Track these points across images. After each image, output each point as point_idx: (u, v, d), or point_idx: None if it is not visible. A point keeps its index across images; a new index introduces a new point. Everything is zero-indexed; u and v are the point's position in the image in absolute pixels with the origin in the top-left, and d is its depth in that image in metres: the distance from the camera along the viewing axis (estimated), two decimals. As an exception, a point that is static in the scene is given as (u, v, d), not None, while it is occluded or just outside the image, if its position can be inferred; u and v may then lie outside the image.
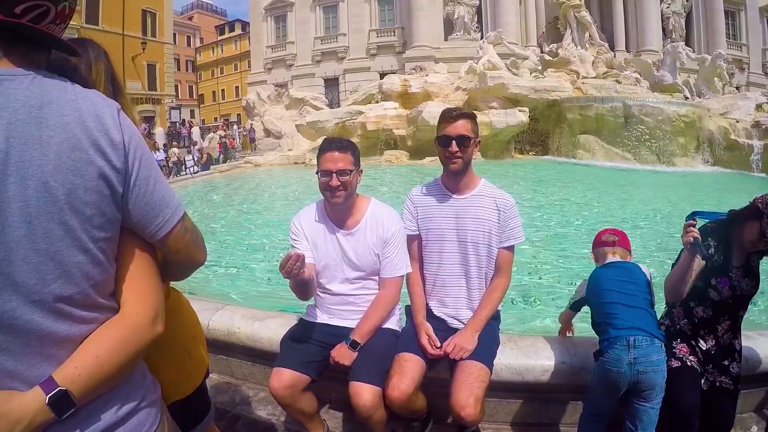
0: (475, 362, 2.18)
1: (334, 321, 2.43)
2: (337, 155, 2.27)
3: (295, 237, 2.44)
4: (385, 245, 2.38)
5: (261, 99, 21.92)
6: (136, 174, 0.97)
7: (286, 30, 33.91)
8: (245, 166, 17.16)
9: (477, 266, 2.41)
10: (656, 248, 5.88)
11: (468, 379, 2.10)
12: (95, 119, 0.92)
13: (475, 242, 2.38)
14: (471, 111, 2.51)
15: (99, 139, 0.91)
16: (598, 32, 25.28)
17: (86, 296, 0.94)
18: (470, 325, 2.32)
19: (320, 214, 2.45)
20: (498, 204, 2.40)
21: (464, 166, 2.36)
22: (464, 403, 2.02)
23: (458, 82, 18.76)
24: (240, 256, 6.06)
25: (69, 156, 0.88)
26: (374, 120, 16.95)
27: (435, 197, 2.48)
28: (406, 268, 2.44)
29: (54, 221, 0.87)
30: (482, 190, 2.45)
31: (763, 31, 34.11)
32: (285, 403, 2.25)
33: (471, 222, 2.38)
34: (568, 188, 10.76)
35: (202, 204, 10.76)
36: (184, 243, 1.11)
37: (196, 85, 60.76)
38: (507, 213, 2.39)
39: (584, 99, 16.73)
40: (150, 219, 1.02)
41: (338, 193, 2.27)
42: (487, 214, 2.39)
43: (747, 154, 14.89)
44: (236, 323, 3.02)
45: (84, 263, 0.92)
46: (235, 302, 3.63)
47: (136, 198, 0.98)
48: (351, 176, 2.27)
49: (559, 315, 2.80)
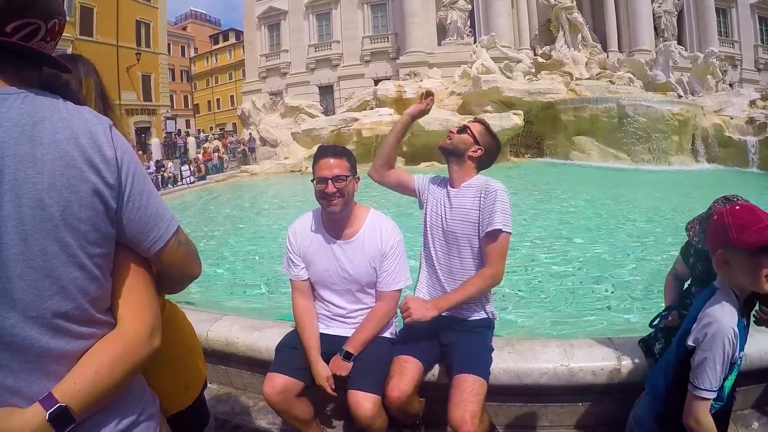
0: (468, 376, 2.12)
1: (330, 330, 2.42)
2: (332, 161, 2.24)
3: (291, 248, 2.43)
4: (383, 258, 2.34)
5: (256, 108, 21.92)
6: (129, 189, 0.98)
7: (280, 38, 34.08)
8: (241, 175, 17.17)
9: (470, 259, 2.34)
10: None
11: (463, 395, 2.06)
12: (88, 136, 0.93)
13: (466, 234, 2.31)
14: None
15: (92, 156, 0.92)
16: (590, 33, 25.44)
17: (83, 312, 0.94)
18: (436, 301, 2.24)
19: (317, 223, 2.42)
20: (480, 190, 2.31)
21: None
22: (460, 421, 1.99)
23: (452, 87, 18.82)
24: (237, 265, 6.05)
25: (63, 173, 0.89)
26: (369, 126, 16.95)
27: (440, 189, 2.48)
28: (405, 281, 2.41)
29: (49, 238, 0.88)
30: (472, 182, 2.38)
31: (755, 27, 34.36)
32: (278, 408, 2.24)
33: (458, 213, 2.34)
34: (563, 189, 10.79)
35: (199, 213, 10.76)
36: (179, 256, 1.12)
37: (191, 94, 60.83)
38: (488, 197, 2.26)
39: (578, 100, 16.76)
40: (145, 234, 1.02)
41: (335, 201, 2.23)
42: (470, 203, 2.32)
43: (742, 151, 14.92)
44: (235, 333, 3.02)
45: (80, 279, 0.92)
46: (233, 312, 3.62)
47: (130, 213, 0.99)
48: (347, 182, 2.24)
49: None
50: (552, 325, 3.77)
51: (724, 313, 1.54)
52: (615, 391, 2.49)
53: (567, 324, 3.82)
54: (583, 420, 2.57)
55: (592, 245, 6.05)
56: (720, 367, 1.51)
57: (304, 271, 2.41)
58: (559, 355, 2.50)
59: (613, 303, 4.23)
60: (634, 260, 5.37)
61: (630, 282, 4.73)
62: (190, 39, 62.73)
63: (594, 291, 4.53)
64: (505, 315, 3.85)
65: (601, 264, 5.28)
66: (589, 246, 6.01)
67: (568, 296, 4.41)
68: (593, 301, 4.29)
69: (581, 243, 6.17)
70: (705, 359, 1.52)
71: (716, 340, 1.50)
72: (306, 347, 2.30)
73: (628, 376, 2.42)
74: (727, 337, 1.50)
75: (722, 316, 1.53)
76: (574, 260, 5.42)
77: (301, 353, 2.31)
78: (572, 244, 6.10)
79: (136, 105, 38.34)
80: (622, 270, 5.07)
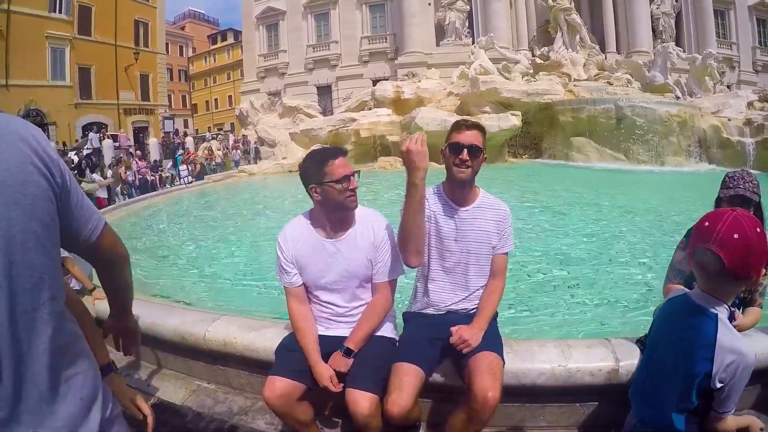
0: (490, 352, 2.19)
1: (330, 332, 2.42)
2: (345, 160, 2.31)
3: (283, 256, 2.41)
4: (377, 250, 2.37)
5: (254, 108, 21.89)
6: (69, 186, 1.10)
7: (279, 38, 34.03)
8: (239, 175, 17.14)
9: (476, 274, 2.43)
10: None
11: (490, 366, 2.11)
12: (33, 138, 1.02)
13: (477, 253, 2.40)
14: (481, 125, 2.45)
15: (42, 155, 1.02)
16: (588, 34, 25.45)
17: (59, 299, 1.06)
18: (476, 323, 2.32)
19: (307, 226, 2.42)
20: (498, 214, 2.42)
21: (472, 177, 2.34)
22: (489, 385, 2.01)
23: (451, 88, 18.81)
24: (234, 265, 6.04)
25: (25, 170, 0.97)
26: (368, 126, 16.97)
27: (441, 205, 2.45)
28: (399, 271, 2.44)
29: (26, 232, 0.96)
30: (483, 201, 2.44)
31: (753, 29, 34.42)
32: (279, 412, 2.24)
33: (473, 234, 2.39)
34: (561, 188, 10.80)
35: (198, 212, 10.74)
36: (113, 240, 1.31)
37: (189, 94, 60.70)
38: (504, 223, 2.42)
39: (576, 101, 16.78)
40: (85, 223, 1.18)
41: (354, 196, 2.30)
42: (489, 226, 2.40)
43: (740, 152, 14.95)
44: (232, 333, 3.01)
45: (51, 268, 1.04)
46: (230, 312, 3.62)
47: (74, 207, 1.13)
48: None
49: None
50: (549, 326, 3.77)
51: (739, 341, 1.49)
52: (613, 392, 2.47)
53: (564, 324, 3.81)
54: (581, 421, 2.57)
55: (589, 245, 6.05)
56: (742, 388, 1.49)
57: (297, 277, 2.40)
58: (556, 356, 2.50)
59: (611, 303, 4.23)
60: (632, 260, 5.38)
61: (628, 282, 4.73)
62: (189, 39, 62.63)
63: (592, 291, 4.53)
64: (503, 315, 3.84)
65: (599, 264, 5.28)
66: (587, 246, 6.02)
67: (566, 296, 4.40)
68: (591, 301, 4.29)
69: (578, 243, 6.17)
70: (732, 390, 1.49)
71: (745, 372, 1.47)
72: (305, 350, 2.30)
73: (627, 376, 2.41)
74: (752, 365, 1.47)
75: (741, 345, 1.48)
76: (570, 260, 5.42)
77: (301, 355, 2.31)
78: (569, 244, 6.11)
79: (134, 105, 38.36)
80: (620, 270, 5.07)
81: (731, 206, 1.93)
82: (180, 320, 3.28)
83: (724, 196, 2.08)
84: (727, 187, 2.10)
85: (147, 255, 6.82)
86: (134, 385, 3.34)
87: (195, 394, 3.17)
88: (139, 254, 6.64)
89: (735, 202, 2.03)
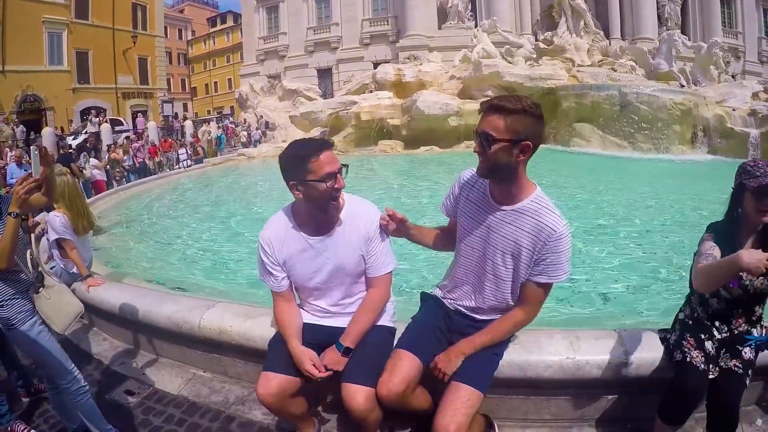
0: (466, 386, 1.99)
1: (324, 322, 2.31)
2: (331, 154, 2.07)
3: (268, 259, 2.23)
4: (369, 243, 2.21)
5: (254, 91, 21.74)
6: None
7: (279, 21, 33.67)
8: (238, 158, 16.98)
9: (492, 287, 2.13)
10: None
11: (454, 403, 1.94)
12: None
13: (495, 263, 2.07)
14: (526, 104, 1.81)
15: None
16: (593, 20, 25.12)
17: None
18: (458, 347, 2.08)
19: (290, 223, 2.21)
20: (540, 231, 1.95)
21: (488, 171, 1.93)
22: (449, 422, 1.89)
23: (452, 71, 18.62)
24: (230, 250, 5.96)
25: None
26: (368, 110, 16.85)
27: (478, 197, 2.10)
28: (392, 263, 2.29)
29: None
30: (528, 206, 1.98)
31: (759, 19, 34.13)
32: (273, 409, 2.16)
33: (501, 241, 2.03)
34: (565, 176, 10.69)
35: (195, 197, 10.65)
36: None
37: (189, 78, 60.22)
38: (548, 245, 1.94)
39: (580, 87, 16.58)
40: None
41: (339, 195, 2.12)
42: (522, 237, 1.98)
43: (743, 143, 14.81)
44: (228, 321, 2.93)
45: None
46: (226, 298, 3.53)
47: None
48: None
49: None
50: (557, 316, 3.68)
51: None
52: (622, 385, 2.41)
53: (573, 315, 3.74)
54: (587, 414, 2.50)
55: (599, 235, 5.96)
56: None
57: (285, 280, 2.25)
58: (564, 348, 2.41)
59: (619, 294, 4.16)
60: (641, 251, 5.30)
61: (638, 273, 4.65)
62: (188, 22, 61.93)
63: (601, 281, 4.45)
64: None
65: (608, 254, 5.20)
66: (596, 236, 5.93)
67: (574, 287, 4.32)
68: (600, 292, 4.21)
69: (588, 232, 6.08)
70: None
71: None
72: (284, 337, 2.18)
73: (636, 370, 2.34)
74: None
75: None
76: (579, 250, 5.32)
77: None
78: (578, 233, 6.01)
79: (133, 88, 38.08)
80: (629, 260, 4.99)
81: (760, 194, 1.95)
82: (174, 308, 3.19)
83: (754, 185, 1.98)
84: (754, 176, 2.00)
85: (146, 239, 6.79)
86: (129, 374, 3.28)
87: (191, 383, 3.11)
88: (136, 238, 6.57)
89: (766, 190, 1.96)
